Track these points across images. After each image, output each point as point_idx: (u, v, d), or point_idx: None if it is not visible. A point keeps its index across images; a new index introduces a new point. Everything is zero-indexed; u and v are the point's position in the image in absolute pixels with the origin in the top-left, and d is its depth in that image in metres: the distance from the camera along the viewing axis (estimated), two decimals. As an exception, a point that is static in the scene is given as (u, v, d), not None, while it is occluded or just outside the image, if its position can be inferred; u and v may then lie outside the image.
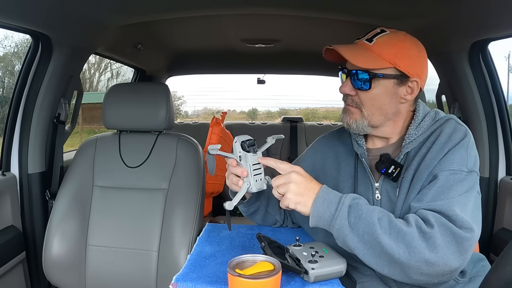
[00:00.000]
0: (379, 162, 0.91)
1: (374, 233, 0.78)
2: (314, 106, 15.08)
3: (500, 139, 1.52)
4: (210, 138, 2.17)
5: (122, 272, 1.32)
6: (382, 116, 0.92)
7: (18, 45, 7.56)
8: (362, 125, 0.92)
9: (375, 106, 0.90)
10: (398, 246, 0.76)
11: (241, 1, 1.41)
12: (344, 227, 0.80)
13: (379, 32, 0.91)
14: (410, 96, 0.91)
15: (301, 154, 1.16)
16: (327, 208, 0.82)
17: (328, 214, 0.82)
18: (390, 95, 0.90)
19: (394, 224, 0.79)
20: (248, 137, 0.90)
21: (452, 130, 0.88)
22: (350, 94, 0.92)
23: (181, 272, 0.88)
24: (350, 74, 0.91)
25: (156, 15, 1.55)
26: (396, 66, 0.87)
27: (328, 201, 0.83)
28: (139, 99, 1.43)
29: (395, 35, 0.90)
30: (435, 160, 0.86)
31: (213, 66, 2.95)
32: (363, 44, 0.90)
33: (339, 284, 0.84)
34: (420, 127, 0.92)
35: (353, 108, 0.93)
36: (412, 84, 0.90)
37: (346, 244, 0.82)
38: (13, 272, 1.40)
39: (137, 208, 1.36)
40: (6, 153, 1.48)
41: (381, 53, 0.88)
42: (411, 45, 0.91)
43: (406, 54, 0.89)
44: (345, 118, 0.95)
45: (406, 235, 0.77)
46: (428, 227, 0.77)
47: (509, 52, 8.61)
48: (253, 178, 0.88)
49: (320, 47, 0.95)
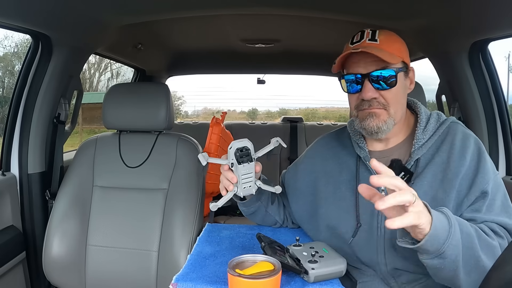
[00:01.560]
0: (390, 168, 0.91)
1: (474, 246, 0.76)
2: (314, 106, 15.10)
3: (500, 139, 1.52)
4: (210, 138, 2.17)
5: (122, 272, 1.32)
6: (402, 111, 0.93)
7: (18, 45, 7.56)
8: (390, 124, 0.91)
9: (398, 101, 0.91)
10: (489, 259, 0.76)
11: (241, 1, 1.41)
12: (458, 244, 0.72)
13: (371, 31, 0.91)
14: (412, 85, 0.95)
15: (300, 156, 1.16)
16: (441, 224, 0.70)
17: (443, 231, 0.70)
18: (404, 88, 0.92)
19: (483, 236, 0.79)
20: (244, 144, 0.89)
21: (465, 137, 0.91)
22: (375, 97, 0.90)
23: (181, 272, 0.88)
24: (368, 77, 0.89)
25: (156, 15, 1.55)
26: (403, 59, 0.90)
27: (441, 217, 0.71)
28: (139, 99, 1.43)
29: (388, 32, 0.92)
30: (461, 168, 0.87)
31: (213, 66, 2.95)
32: (371, 44, 0.89)
33: (339, 284, 0.84)
34: (427, 130, 0.92)
35: (379, 110, 0.90)
36: (411, 74, 0.94)
37: (455, 263, 0.73)
38: (13, 272, 1.40)
39: (137, 208, 1.36)
40: (6, 153, 1.48)
41: (390, 49, 0.89)
42: (401, 40, 0.94)
43: (404, 46, 0.93)
44: (373, 122, 0.90)
45: (495, 248, 0.79)
46: (499, 238, 0.82)
47: (509, 52, 8.60)
48: (241, 185, 0.89)
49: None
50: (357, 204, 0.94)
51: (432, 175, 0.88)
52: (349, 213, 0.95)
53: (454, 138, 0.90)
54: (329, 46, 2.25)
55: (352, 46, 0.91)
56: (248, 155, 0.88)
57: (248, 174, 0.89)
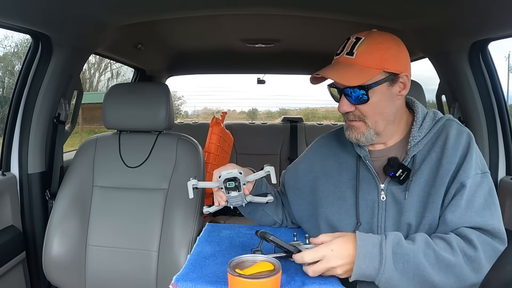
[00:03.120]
0: (388, 166, 0.92)
1: (425, 274, 0.78)
2: (314, 106, 15.07)
3: (500, 139, 1.52)
4: (210, 138, 2.17)
5: (122, 272, 1.32)
6: (385, 120, 0.92)
7: (18, 45, 7.56)
8: (370, 135, 0.93)
9: (376, 113, 0.91)
10: (449, 279, 0.78)
11: (241, 1, 1.41)
12: (393, 278, 0.78)
13: (355, 41, 0.90)
14: (404, 91, 0.92)
15: (300, 156, 1.16)
16: (369, 263, 0.79)
17: (372, 269, 0.79)
18: (387, 98, 0.90)
19: (442, 257, 0.79)
20: (233, 174, 0.91)
21: (459, 132, 0.91)
22: (350, 111, 0.92)
23: (181, 272, 0.88)
24: (343, 92, 0.90)
25: (156, 15, 1.55)
26: (385, 70, 0.88)
27: (370, 256, 0.79)
28: (139, 99, 1.43)
29: (371, 39, 0.89)
30: (452, 165, 0.87)
31: (213, 66, 2.95)
32: (346, 60, 0.89)
33: (339, 284, 0.84)
34: (422, 128, 0.93)
35: (356, 122, 0.92)
36: (403, 79, 0.91)
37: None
38: (13, 272, 1.40)
39: (137, 208, 1.36)
40: (6, 153, 1.48)
41: (367, 63, 0.87)
42: (389, 43, 0.90)
43: (389, 54, 0.89)
44: (352, 134, 0.94)
45: (456, 267, 0.79)
46: (472, 249, 0.80)
47: (509, 52, 8.61)
48: (230, 204, 0.96)
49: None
50: (357, 203, 0.95)
51: (429, 171, 0.90)
52: (349, 212, 0.96)
53: (448, 135, 0.91)
54: (329, 46, 2.24)
55: (334, 58, 0.93)
56: (236, 184, 0.92)
57: (237, 197, 0.94)
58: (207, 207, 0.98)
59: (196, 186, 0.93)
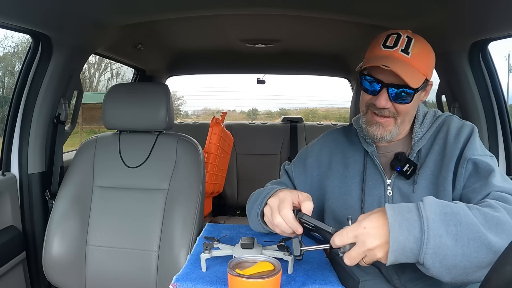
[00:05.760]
0: (395, 161, 0.94)
1: (481, 235, 0.64)
2: (314, 106, 15.05)
3: (500, 139, 1.52)
4: (210, 138, 2.17)
5: (122, 272, 1.32)
6: (409, 121, 0.95)
7: (18, 45, 7.56)
8: (395, 133, 0.94)
9: (408, 113, 0.93)
10: (502, 239, 0.65)
11: (241, 1, 1.41)
12: (442, 247, 0.63)
13: (407, 39, 0.88)
14: (425, 97, 0.96)
15: (307, 146, 1.14)
16: (408, 233, 0.64)
17: (413, 239, 0.64)
18: (417, 102, 0.94)
19: (489, 215, 0.67)
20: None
21: (460, 124, 0.93)
22: (387, 107, 0.91)
23: (181, 272, 0.89)
24: (386, 87, 0.89)
25: (156, 15, 1.55)
26: (427, 77, 0.90)
27: (407, 223, 0.64)
28: (139, 99, 1.43)
29: (422, 43, 0.90)
30: (455, 151, 0.88)
31: (213, 66, 2.95)
32: (402, 57, 0.87)
33: (339, 284, 0.84)
34: (424, 124, 0.96)
35: (388, 119, 0.92)
36: (428, 87, 0.94)
37: (443, 266, 0.64)
38: (13, 272, 1.40)
39: (137, 208, 1.36)
40: (6, 153, 1.48)
41: (420, 66, 0.88)
42: (432, 51, 0.92)
43: (433, 63, 0.92)
44: (377, 131, 0.93)
45: (505, 224, 0.66)
46: (509, 204, 0.72)
47: (509, 52, 8.59)
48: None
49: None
50: (363, 198, 0.96)
51: (434, 164, 0.92)
52: (354, 208, 0.97)
53: (450, 126, 0.94)
54: (329, 46, 2.25)
55: (383, 49, 0.89)
56: None
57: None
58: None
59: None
